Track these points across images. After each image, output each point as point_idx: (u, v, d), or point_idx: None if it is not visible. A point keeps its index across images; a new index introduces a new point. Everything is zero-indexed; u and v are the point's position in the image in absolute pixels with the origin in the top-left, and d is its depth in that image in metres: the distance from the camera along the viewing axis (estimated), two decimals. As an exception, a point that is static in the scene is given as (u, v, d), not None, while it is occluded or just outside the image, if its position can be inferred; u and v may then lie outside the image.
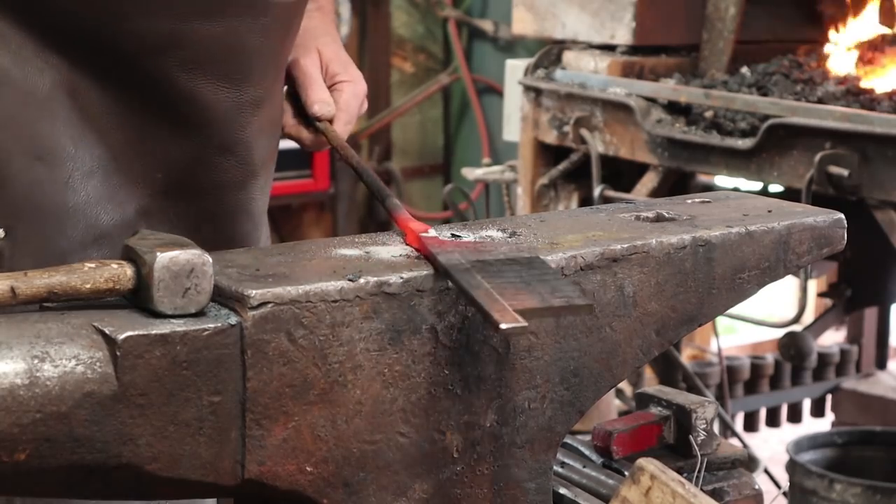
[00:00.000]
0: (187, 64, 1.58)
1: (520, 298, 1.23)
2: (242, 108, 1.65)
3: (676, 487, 1.41)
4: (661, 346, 1.49)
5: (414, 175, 5.62)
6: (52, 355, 1.15)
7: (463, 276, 1.27)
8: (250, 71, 1.64)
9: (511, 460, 1.38)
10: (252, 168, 1.71)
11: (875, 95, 3.21)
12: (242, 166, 1.69)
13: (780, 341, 3.56)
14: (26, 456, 1.15)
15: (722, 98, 3.26)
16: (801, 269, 2.05)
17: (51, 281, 1.20)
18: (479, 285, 1.25)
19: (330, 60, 1.83)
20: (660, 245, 1.46)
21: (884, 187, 2.94)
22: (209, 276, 1.22)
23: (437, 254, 1.32)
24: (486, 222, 1.52)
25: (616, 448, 1.74)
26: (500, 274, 1.28)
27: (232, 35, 1.59)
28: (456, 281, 1.28)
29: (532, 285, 1.26)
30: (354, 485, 1.29)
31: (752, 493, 1.78)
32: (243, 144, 1.68)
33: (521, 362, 1.37)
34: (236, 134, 1.66)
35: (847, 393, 4.48)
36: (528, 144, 3.73)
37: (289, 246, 1.40)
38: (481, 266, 1.30)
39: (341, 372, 1.27)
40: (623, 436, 1.75)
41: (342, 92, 1.81)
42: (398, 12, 5.51)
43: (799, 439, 3.72)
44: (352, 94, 1.82)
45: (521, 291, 1.25)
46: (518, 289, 1.25)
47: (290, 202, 5.24)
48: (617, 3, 3.57)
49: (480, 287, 1.25)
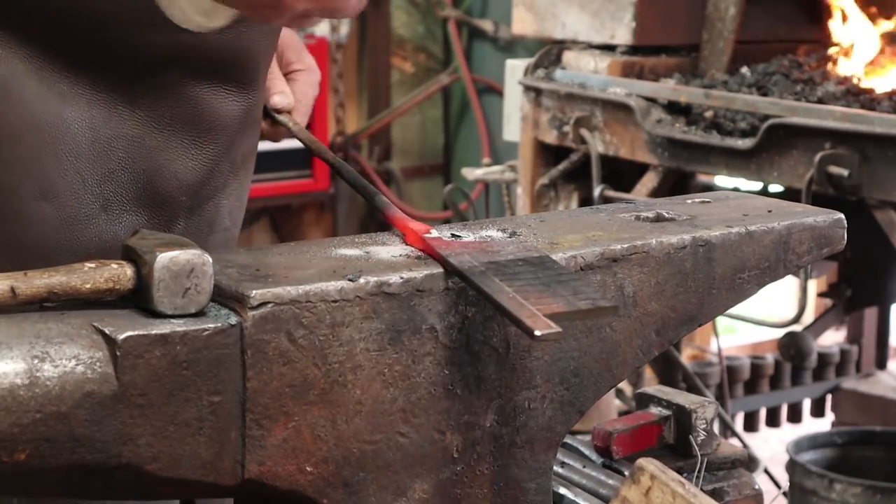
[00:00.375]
0: (200, 73, 1.53)
1: (545, 302, 1.21)
2: (250, 112, 1.62)
3: (676, 487, 1.41)
4: (661, 346, 1.49)
5: (414, 175, 5.62)
6: (52, 355, 1.15)
7: (481, 280, 1.26)
8: (256, 74, 1.62)
9: (511, 460, 1.38)
10: (235, 166, 1.66)
11: (875, 95, 3.21)
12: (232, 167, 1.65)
13: (780, 341, 3.57)
14: (26, 456, 1.15)
15: (722, 98, 3.26)
16: (801, 269, 2.05)
17: (51, 281, 1.20)
18: (501, 289, 1.24)
19: (286, 47, 1.78)
20: (660, 245, 1.46)
21: (884, 187, 2.95)
22: (209, 276, 1.22)
23: (448, 255, 1.32)
24: (486, 222, 1.51)
25: (616, 448, 1.74)
26: (517, 276, 1.27)
27: (241, 41, 1.55)
28: (475, 285, 1.26)
29: (552, 287, 1.25)
30: (354, 485, 1.29)
31: (752, 493, 1.79)
32: (237, 149, 1.64)
33: (521, 362, 1.37)
34: (238, 139, 1.63)
35: (847, 393, 4.48)
36: (528, 144, 3.73)
37: (289, 246, 1.40)
38: (496, 268, 1.29)
39: (341, 372, 1.27)
40: (623, 436, 1.75)
41: (298, 82, 1.78)
42: (398, 12, 5.51)
43: (799, 439, 3.72)
44: (308, 84, 1.79)
45: (544, 294, 1.23)
46: (540, 292, 1.23)
47: (290, 202, 5.24)
48: (617, 3, 3.57)
49: (503, 291, 1.23)
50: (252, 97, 1.61)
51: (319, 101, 4.98)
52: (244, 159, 1.68)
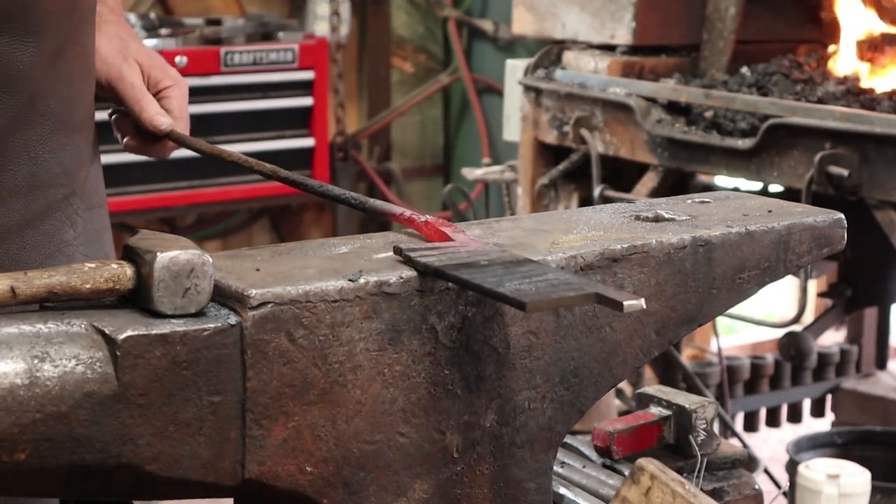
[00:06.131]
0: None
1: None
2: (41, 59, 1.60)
3: (676, 487, 1.41)
4: (661, 346, 1.49)
5: (414, 175, 5.62)
6: (52, 355, 1.15)
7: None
8: (46, 20, 1.59)
9: (511, 460, 1.38)
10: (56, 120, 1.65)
11: (875, 95, 3.21)
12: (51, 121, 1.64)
13: (780, 341, 3.56)
14: (26, 456, 1.15)
15: (722, 98, 3.26)
16: (801, 269, 2.05)
17: (51, 281, 1.20)
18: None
19: (150, 68, 1.83)
20: (660, 245, 1.46)
21: (884, 187, 2.95)
22: (209, 276, 1.22)
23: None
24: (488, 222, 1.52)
25: (616, 448, 1.75)
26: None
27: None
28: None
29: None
30: (354, 485, 1.29)
31: (752, 493, 1.79)
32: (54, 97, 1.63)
33: (521, 362, 1.37)
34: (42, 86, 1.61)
35: (847, 393, 4.48)
36: (528, 144, 3.73)
37: (289, 246, 1.40)
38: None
39: (341, 372, 1.27)
40: (623, 436, 1.75)
41: (172, 98, 1.82)
42: (398, 12, 5.51)
43: (799, 439, 3.72)
44: (181, 97, 1.83)
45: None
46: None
47: (289, 202, 5.24)
48: (617, 3, 3.57)
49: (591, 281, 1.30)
50: (45, 45, 1.60)
51: (320, 101, 5.01)
52: (66, 113, 1.66)
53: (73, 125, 1.68)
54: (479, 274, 1.26)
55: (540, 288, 1.23)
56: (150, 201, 4.74)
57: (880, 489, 3.36)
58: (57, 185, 1.66)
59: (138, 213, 4.74)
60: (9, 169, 1.60)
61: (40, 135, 1.63)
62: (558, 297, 1.21)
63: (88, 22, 1.70)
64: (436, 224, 1.41)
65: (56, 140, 1.65)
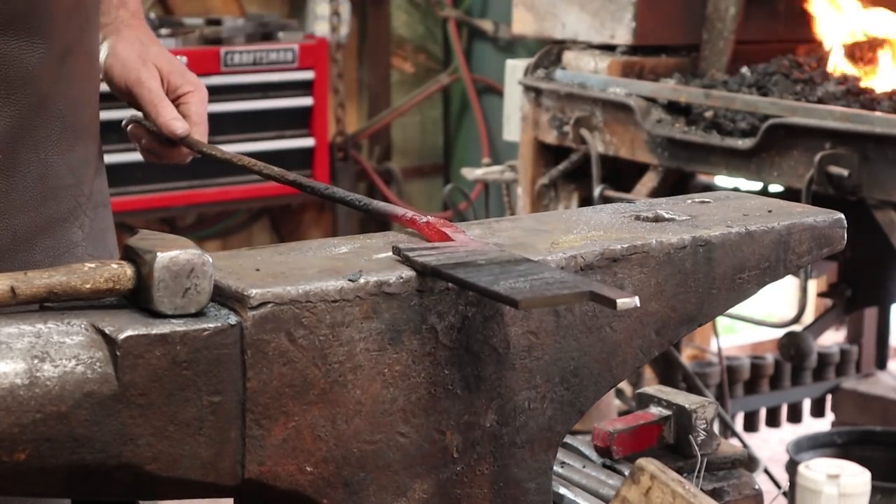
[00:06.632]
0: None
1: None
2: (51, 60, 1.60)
3: (676, 487, 1.41)
4: (661, 346, 1.49)
5: (414, 175, 5.62)
6: (52, 355, 1.16)
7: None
8: (54, 22, 1.59)
9: (511, 460, 1.38)
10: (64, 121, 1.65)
11: (875, 95, 3.21)
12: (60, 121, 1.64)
13: (780, 341, 3.56)
14: (26, 456, 1.15)
15: (722, 98, 3.26)
16: (801, 269, 2.05)
17: (51, 281, 1.20)
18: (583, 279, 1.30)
19: (169, 73, 1.82)
20: (660, 245, 1.46)
21: (884, 187, 2.95)
22: (209, 276, 1.22)
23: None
24: (488, 222, 1.52)
25: (616, 448, 1.75)
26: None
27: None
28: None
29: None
30: (354, 485, 1.29)
31: (752, 493, 1.79)
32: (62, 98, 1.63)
33: (521, 362, 1.37)
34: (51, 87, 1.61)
35: (847, 393, 4.48)
36: (528, 144, 3.73)
37: (289, 246, 1.40)
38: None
39: (341, 372, 1.27)
40: (623, 436, 1.75)
41: (190, 104, 1.81)
42: (398, 12, 5.51)
43: (799, 439, 3.72)
44: (200, 103, 1.82)
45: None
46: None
47: (289, 202, 5.24)
48: (617, 3, 3.58)
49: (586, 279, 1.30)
50: (54, 46, 1.60)
51: (320, 101, 5.01)
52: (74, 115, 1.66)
53: (81, 126, 1.68)
54: (476, 273, 1.27)
55: (535, 286, 1.23)
56: (150, 201, 4.74)
57: (880, 489, 3.36)
58: (66, 186, 1.66)
59: (138, 213, 4.74)
60: (19, 172, 1.60)
61: (49, 137, 1.63)
62: (552, 295, 1.22)
63: (93, 21, 1.70)
64: (436, 224, 1.41)
65: (65, 142, 1.65)
